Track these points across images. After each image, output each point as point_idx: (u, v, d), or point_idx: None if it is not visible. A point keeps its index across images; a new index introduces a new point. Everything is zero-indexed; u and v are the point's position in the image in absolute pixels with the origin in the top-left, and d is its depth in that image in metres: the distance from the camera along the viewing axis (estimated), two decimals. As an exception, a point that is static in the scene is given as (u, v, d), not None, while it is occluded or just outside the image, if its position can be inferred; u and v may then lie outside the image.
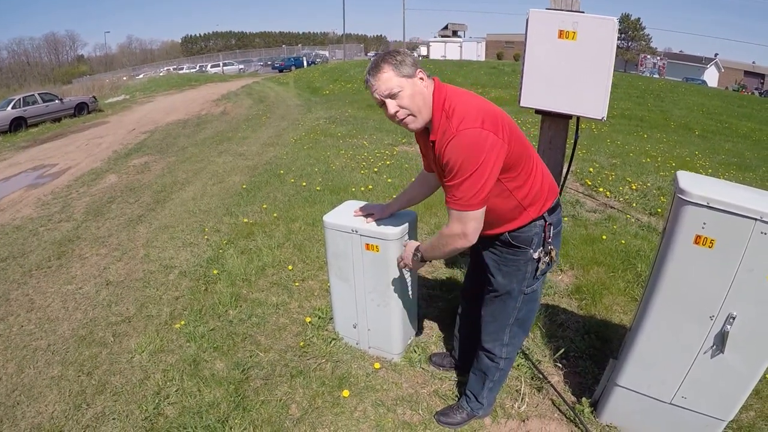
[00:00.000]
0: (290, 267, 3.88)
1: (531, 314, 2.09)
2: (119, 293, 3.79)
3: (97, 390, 2.71)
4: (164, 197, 6.25)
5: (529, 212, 1.80)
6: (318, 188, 5.84)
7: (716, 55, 54.14)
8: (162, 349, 3.02)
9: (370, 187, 5.82)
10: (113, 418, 2.48)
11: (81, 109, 17.76)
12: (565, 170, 2.85)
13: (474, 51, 42.71)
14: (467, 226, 1.68)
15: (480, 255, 2.04)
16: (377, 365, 2.68)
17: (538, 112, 2.56)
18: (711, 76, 49.81)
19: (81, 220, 5.65)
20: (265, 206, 5.35)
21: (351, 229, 2.42)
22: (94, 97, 19.49)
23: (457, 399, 2.45)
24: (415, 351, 2.78)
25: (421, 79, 1.70)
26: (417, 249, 2.06)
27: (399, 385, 2.58)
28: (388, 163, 7.16)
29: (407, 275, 2.50)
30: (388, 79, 1.66)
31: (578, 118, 2.53)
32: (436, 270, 3.80)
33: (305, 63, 37.53)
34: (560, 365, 2.73)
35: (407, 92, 1.66)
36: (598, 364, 2.69)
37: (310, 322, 3.10)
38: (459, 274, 3.69)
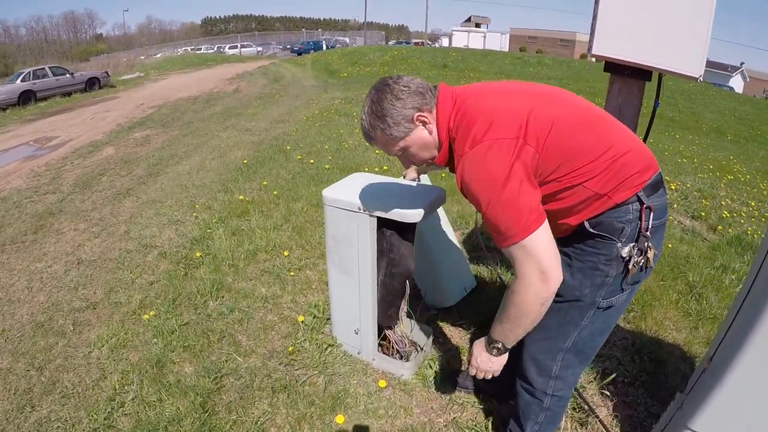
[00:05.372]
0: (286, 253, 3.35)
1: (597, 340, 1.51)
2: (89, 274, 3.33)
3: (46, 389, 2.28)
4: (158, 170, 5.83)
5: (613, 198, 1.29)
6: (327, 167, 5.30)
7: (742, 63, 52.70)
8: (125, 344, 2.54)
9: (385, 168, 5.27)
10: (57, 426, 2.05)
11: (92, 84, 17.39)
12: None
13: (498, 42, 41.79)
14: (540, 259, 1.21)
15: None
16: (382, 383, 2.13)
17: (608, 68, 1.97)
18: (736, 85, 48.26)
19: (67, 192, 5.32)
20: (265, 183, 4.84)
21: (357, 206, 1.86)
22: (106, 72, 19.17)
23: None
24: (430, 366, 2.23)
25: (423, 122, 1.40)
26: (489, 341, 1.44)
27: (408, 410, 2.03)
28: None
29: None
30: (386, 145, 1.46)
31: (660, 78, 1.95)
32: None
33: (324, 47, 36.96)
34: (607, 393, 2.18)
35: (413, 149, 1.45)
36: (652, 393, 2.17)
37: (302, 322, 2.56)
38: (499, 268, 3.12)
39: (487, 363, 1.45)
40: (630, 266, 1.31)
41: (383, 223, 1.89)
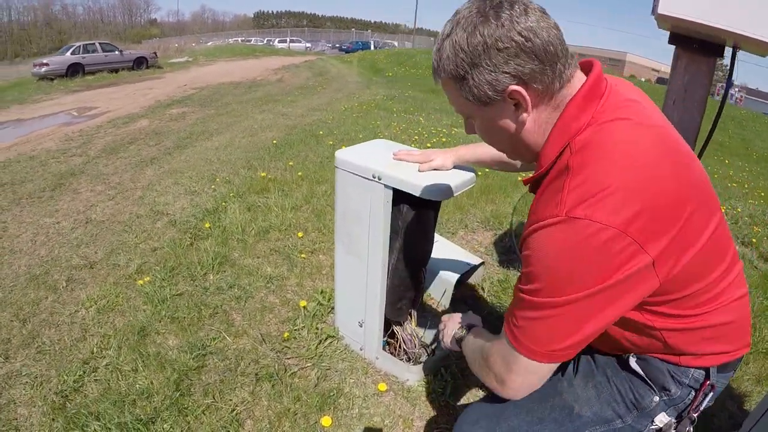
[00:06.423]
0: (300, 234, 3.10)
1: None
2: (95, 234, 3.19)
3: (25, 342, 2.14)
4: (187, 143, 5.73)
5: (680, 360, 0.94)
6: (357, 154, 5.06)
7: (796, 95, 50.49)
8: (113, 307, 2.35)
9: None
10: (26, 382, 1.89)
11: (140, 63, 17.69)
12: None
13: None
14: (512, 378, 0.90)
15: None
16: (383, 386, 1.84)
17: (673, 40, 1.64)
18: (788, 118, 46.42)
19: (93, 156, 5.30)
20: (291, 164, 4.61)
21: (372, 173, 1.58)
22: (155, 53, 19.48)
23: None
24: (441, 374, 1.92)
25: (516, 102, 0.85)
26: (463, 328, 1.32)
27: (408, 422, 1.73)
28: (443, 140, 6.24)
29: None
30: (452, 98, 0.92)
31: (734, 54, 1.62)
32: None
33: (372, 47, 37.08)
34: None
35: (479, 123, 0.94)
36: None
37: (305, 308, 2.30)
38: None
39: (447, 336, 1.33)
40: None
41: (402, 199, 1.61)
